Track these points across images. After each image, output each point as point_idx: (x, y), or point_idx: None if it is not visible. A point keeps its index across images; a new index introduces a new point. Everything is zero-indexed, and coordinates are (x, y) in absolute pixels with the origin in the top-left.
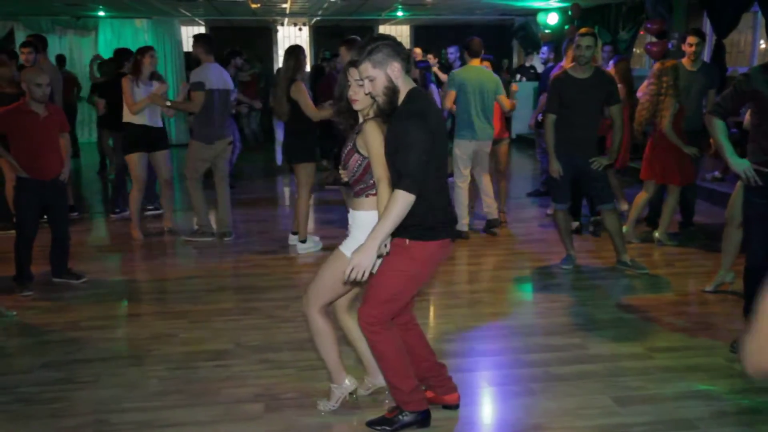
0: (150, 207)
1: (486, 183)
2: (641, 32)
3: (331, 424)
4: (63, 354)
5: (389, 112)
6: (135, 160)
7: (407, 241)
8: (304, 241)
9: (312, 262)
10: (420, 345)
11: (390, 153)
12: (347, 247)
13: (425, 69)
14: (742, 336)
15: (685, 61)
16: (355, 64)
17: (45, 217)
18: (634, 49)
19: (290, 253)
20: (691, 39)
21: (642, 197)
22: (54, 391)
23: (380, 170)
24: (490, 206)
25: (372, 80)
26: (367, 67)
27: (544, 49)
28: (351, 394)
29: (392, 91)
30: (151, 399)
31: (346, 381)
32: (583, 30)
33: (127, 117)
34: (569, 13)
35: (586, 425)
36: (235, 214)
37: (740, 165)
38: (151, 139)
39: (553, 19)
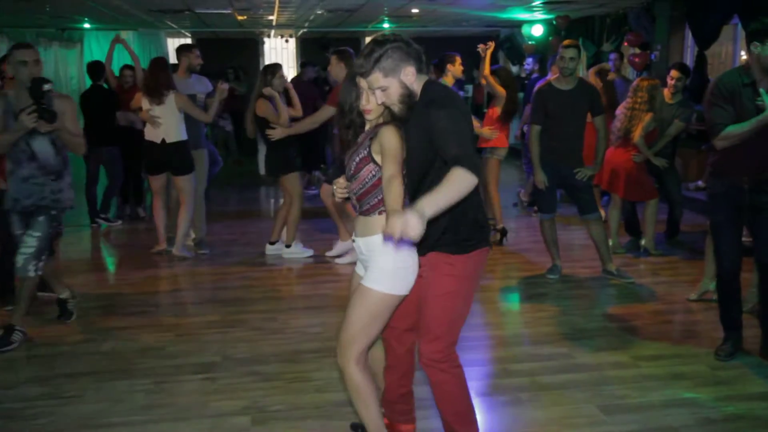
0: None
1: None
2: (624, 44)
3: None
4: (47, 368)
5: (407, 118)
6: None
7: (448, 257)
8: (289, 246)
9: (298, 274)
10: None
11: (414, 147)
12: (372, 280)
13: None
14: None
15: (666, 92)
16: (362, 75)
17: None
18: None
19: (276, 264)
20: (673, 73)
21: (612, 209)
22: (38, 406)
23: (394, 168)
24: None
25: (385, 90)
26: (377, 78)
27: (529, 60)
28: None
29: (409, 97)
30: (138, 413)
31: None
32: (566, 42)
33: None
34: (554, 22)
35: None
36: (219, 226)
37: None
38: None
39: (538, 30)
